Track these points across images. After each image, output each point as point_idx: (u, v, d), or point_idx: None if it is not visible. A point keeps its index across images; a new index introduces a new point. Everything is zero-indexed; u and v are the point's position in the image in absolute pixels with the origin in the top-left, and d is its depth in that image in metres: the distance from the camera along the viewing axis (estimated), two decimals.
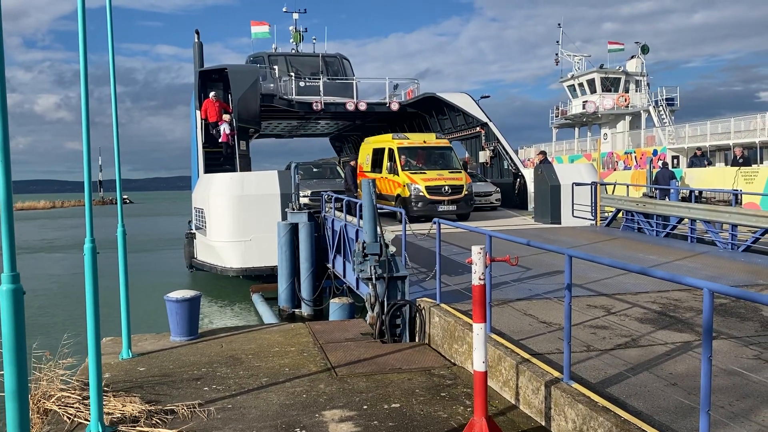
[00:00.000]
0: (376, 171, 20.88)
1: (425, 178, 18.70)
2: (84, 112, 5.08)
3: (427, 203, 18.25)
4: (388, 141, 20.45)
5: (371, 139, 23.02)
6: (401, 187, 18.79)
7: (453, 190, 18.61)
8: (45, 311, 18.03)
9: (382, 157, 20.39)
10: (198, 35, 23.68)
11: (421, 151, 20.20)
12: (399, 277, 8.63)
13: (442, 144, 20.90)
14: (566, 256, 5.40)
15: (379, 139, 22.13)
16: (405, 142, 19.97)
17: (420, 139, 20.55)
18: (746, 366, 5.51)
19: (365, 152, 22.33)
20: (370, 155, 21.77)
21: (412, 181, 18.52)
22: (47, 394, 6.07)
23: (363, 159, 22.40)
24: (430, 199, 18.24)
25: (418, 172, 18.99)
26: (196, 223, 20.36)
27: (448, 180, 18.82)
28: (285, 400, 6.13)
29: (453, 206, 18.50)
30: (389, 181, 19.63)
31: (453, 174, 19.31)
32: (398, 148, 19.68)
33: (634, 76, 44.21)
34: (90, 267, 5.17)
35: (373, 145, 22.18)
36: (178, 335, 8.60)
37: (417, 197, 18.32)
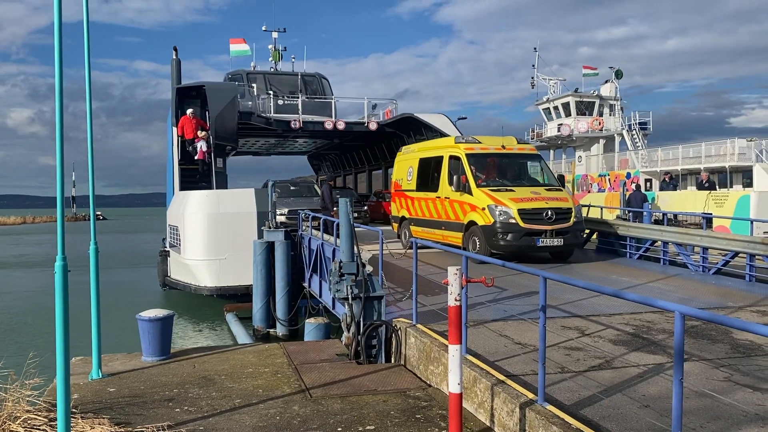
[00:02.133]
0: (428, 189, 15.75)
1: (515, 197, 13.31)
2: (58, 126, 5.02)
3: (520, 234, 12.90)
4: (448, 146, 15.39)
5: (416, 147, 17.88)
6: (477, 211, 13.51)
7: (558, 216, 13.20)
8: (12, 329, 17.60)
9: (437, 170, 15.36)
10: (176, 52, 23.61)
11: (501, 161, 15.04)
12: (375, 297, 8.60)
13: (528, 151, 15.61)
14: (541, 277, 5.44)
15: (431, 145, 16.93)
16: (476, 147, 14.76)
17: (496, 144, 15.10)
18: (717, 388, 5.58)
19: (405, 164, 17.58)
20: (414, 168, 16.71)
21: (496, 202, 13.16)
22: (13, 415, 5.90)
23: (401, 174, 17.66)
24: (526, 229, 12.90)
25: (501, 188, 13.78)
26: (170, 241, 20.13)
27: (549, 201, 13.44)
28: (258, 422, 6.04)
29: (558, 240, 13.14)
30: (454, 202, 14.42)
31: (553, 192, 14.01)
32: (468, 156, 14.42)
33: (608, 100, 45.03)
34: (60, 284, 5.07)
35: (421, 153, 16.82)
36: (150, 355, 8.45)
37: (505, 226, 12.91)
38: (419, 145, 17.85)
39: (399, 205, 17.68)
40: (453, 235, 14.48)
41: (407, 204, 16.97)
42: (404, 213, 17.19)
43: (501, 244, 12.94)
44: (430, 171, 15.77)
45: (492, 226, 13.08)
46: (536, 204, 13.29)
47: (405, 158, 17.89)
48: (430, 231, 15.45)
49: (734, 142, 32.92)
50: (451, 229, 14.58)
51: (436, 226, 15.23)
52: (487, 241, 13.01)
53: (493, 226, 13.07)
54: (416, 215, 16.32)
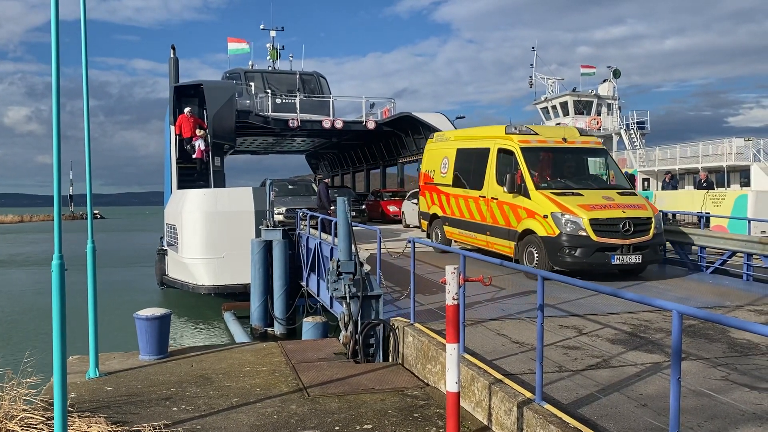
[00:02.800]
0: (468, 186, 13.66)
1: (585, 204, 11.06)
2: (55, 125, 5.01)
3: (592, 250, 10.75)
4: (496, 136, 13.03)
5: (453, 134, 15.66)
6: (536, 219, 11.28)
7: (636, 228, 10.98)
8: (8, 328, 17.57)
9: (481, 165, 13.17)
10: (174, 50, 23.58)
11: (561, 157, 12.73)
12: (373, 296, 8.60)
13: (593, 145, 13.08)
14: (539, 276, 5.44)
15: (473, 134, 14.53)
16: (533, 140, 12.40)
17: (555, 136, 12.76)
18: (714, 387, 5.58)
19: (438, 154, 15.47)
20: (450, 160, 14.60)
21: (563, 210, 10.92)
22: (9, 414, 5.88)
23: (433, 165, 15.55)
24: (599, 244, 10.74)
25: (566, 192, 11.50)
26: (168, 240, 20.11)
27: (626, 209, 11.15)
28: (255, 421, 6.04)
29: (636, 257, 10.97)
30: (504, 205, 12.15)
31: (627, 197, 11.72)
32: (523, 151, 12.10)
33: (606, 99, 45.08)
34: (57, 283, 5.06)
35: (459, 142, 14.59)
36: (147, 354, 8.43)
37: (573, 239, 10.76)
38: (457, 133, 15.66)
39: (430, 201, 15.70)
40: (501, 243, 12.42)
41: (441, 201, 15.03)
42: (436, 210, 15.34)
43: (567, 261, 10.79)
44: (472, 165, 13.63)
45: (556, 239, 10.82)
46: (611, 213, 10.99)
47: (438, 147, 15.61)
48: (469, 235, 13.74)
49: (732, 142, 33.00)
50: (498, 236, 12.43)
51: (478, 230, 13.26)
52: (550, 256, 10.89)
53: (557, 238, 10.81)
54: (452, 214, 14.48)
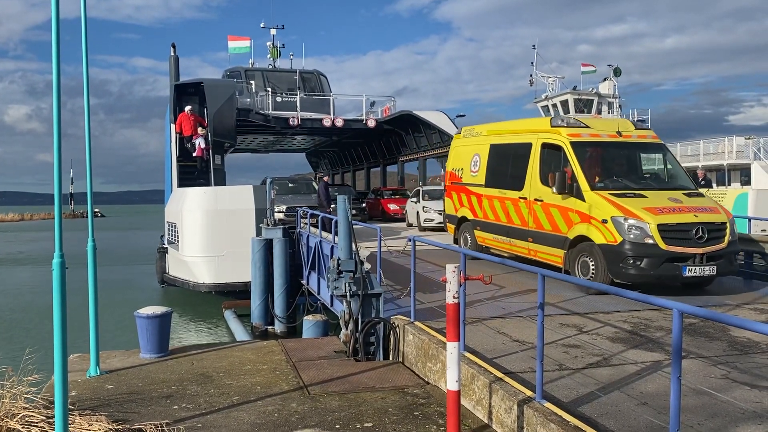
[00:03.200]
0: (505, 186, 12.27)
1: (651, 206, 9.71)
2: (56, 123, 5.01)
3: (660, 260, 9.38)
4: (540, 130, 11.57)
5: (485, 129, 13.88)
6: (592, 224, 9.92)
7: (710, 235, 9.65)
8: (9, 326, 17.59)
9: (521, 162, 11.79)
10: (174, 48, 23.58)
11: (615, 152, 11.40)
12: (374, 294, 8.60)
13: (650, 139, 11.63)
14: (539, 275, 5.44)
15: (510, 128, 12.96)
16: (584, 134, 10.98)
17: (609, 129, 11.35)
18: (715, 386, 5.58)
19: (467, 150, 14.07)
20: (482, 157, 13.22)
21: (625, 213, 9.59)
22: (10, 412, 5.89)
23: (461, 163, 14.17)
24: (669, 253, 9.37)
25: (627, 192, 10.17)
26: (168, 238, 20.12)
27: (699, 213, 9.80)
28: (256, 419, 6.04)
29: (710, 268, 9.57)
30: (550, 208, 10.83)
31: (696, 199, 10.40)
32: (574, 146, 10.73)
33: (607, 97, 45.01)
34: (58, 282, 5.06)
35: (493, 137, 13.20)
36: (148, 352, 8.44)
37: (639, 247, 9.41)
38: (489, 127, 13.81)
39: (457, 203, 14.32)
40: (546, 252, 10.99)
41: (471, 202, 13.62)
42: (466, 213, 13.93)
43: (631, 273, 9.42)
44: (509, 162, 12.27)
45: (618, 248, 9.46)
46: (681, 217, 9.62)
47: (467, 143, 14.18)
48: (506, 241, 12.24)
49: (732, 140, 33.01)
50: (543, 243, 11.01)
51: (518, 236, 11.75)
52: (610, 267, 9.55)
53: (620, 247, 9.45)
54: (485, 218, 12.98)
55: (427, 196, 23.65)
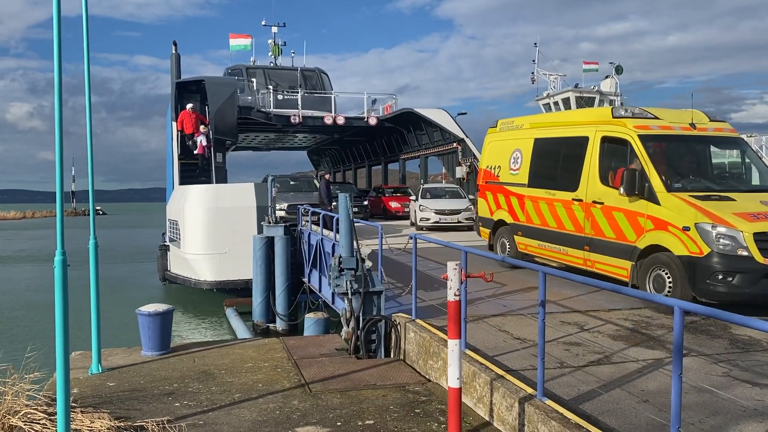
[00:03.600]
0: (553, 186, 10.86)
1: (742, 212, 8.34)
2: (57, 121, 5.01)
3: (757, 276, 7.95)
4: (599, 121, 10.14)
5: (527, 121, 12.42)
6: (669, 232, 8.58)
7: None
8: (11, 324, 17.62)
9: (574, 158, 10.42)
10: (176, 46, 23.59)
11: (689, 148, 10.04)
12: (375, 292, 8.61)
13: (728, 133, 10.27)
14: (540, 272, 5.44)
15: (559, 120, 11.69)
16: (654, 126, 9.67)
17: (681, 120, 9.92)
18: (716, 383, 5.59)
19: (504, 146, 12.66)
20: (525, 153, 11.83)
21: (713, 219, 8.21)
22: (12, 410, 5.90)
23: (498, 159, 12.78)
24: (765, 267, 7.93)
25: (711, 195, 8.82)
26: (170, 236, 20.14)
27: None
28: (258, 417, 6.06)
29: None
30: (614, 212, 9.39)
31: None
32: (643, 139, 9.40)
33: (609, 95, 44.93)
34: (60, 279, 5.07)
35: (538, 131, 11.73)
36: (150, 350, 8.46)
37: (730, 260, 8.02)
38: (533, 119, 12.35)
39: (493, 204, 12.88)
40: (609, 263, 9.54)
41: (510, 204, 12.15)
42: (503, 216, 12.44)
43: (720, 291, 8.03)
44: (559, 159, 10.95)
45: (705, 261, 8.07)
46: None
47: (504, 137, 12.73)
48: (556, 249, 10.80)
49: None
50: (605, 253, 9.56)
51: (571, 244, 10.29)
52: (693, 284, 8.21)
53: (706, 260, 8.06)
54: (528, 222, 11.56)
55: (429, 194, 23.00)
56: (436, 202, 21.99)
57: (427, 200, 22.21)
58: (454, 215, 21.15)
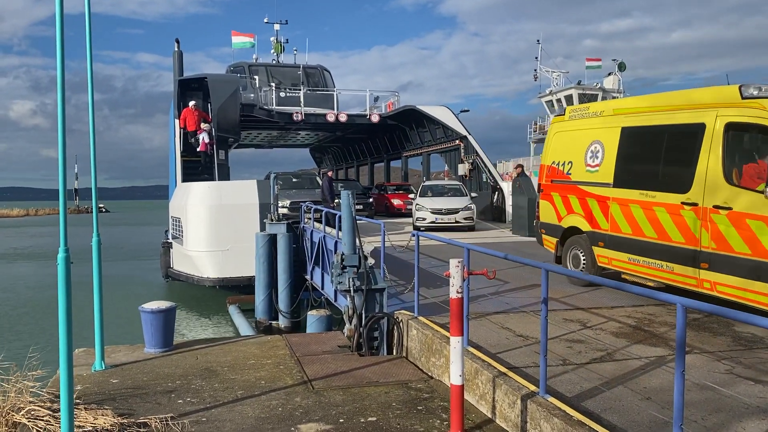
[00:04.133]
0: (652, 186, 8.79)
1: None
2: (60, 118, 5.01)
3: None
4: (723, 103, 8.03)
5: (611, 106, 10.13)
6: None
7: None
8: (14, 321, 17.67)
9: (681, 151, 8.55)
10: (178, 44, 23.58)
11: None
12: (377, 289, 8.62)
13: None
14: (543, 270, 5.44)
15: (663, 103, 9.07)
16: None
17: None
18: (719, 381, 5.58)
19: (577, 138, 10.47)
20: (610, 144, 9.60)
21: None
22: (16, 406, 5.93)
23: (569, 154, 10.57)
24: None
25: None
26: (172, 233, 20.17)
27: None
28: (260, 414, 6.07)
29: None
30: (752, 220, 7.37)
31: None
32: None
33: (612, 92, 44.90)
34: (63, 276, 5.08)
35: (629, 118, 9.46)
36: (153, 347, 8.47)
37: None
38: (617, 104, 10.19)
39: (562, 208, 10.66)
40: (740, 285, 7.51)
41: (587, 208, 9.98)
42: (577, 222, 10.20)
43: None
44: (661, 152, 8.92)
45: None
46: None
47: (576, 127, 10.58)
48: (657, 266, 8.72)
49: None
50: (734, 273, 7.59)
51: (681, 260, 8.32)
52: None
53: None
54: (615, 230, 9.40)
55: (430, 192, 21.83)
56: (434, 201, 20.72)
57: (425, 199, 21.01)
58: (452, 215, 19.90)
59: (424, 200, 20.89)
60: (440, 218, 19.80)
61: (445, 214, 19.79)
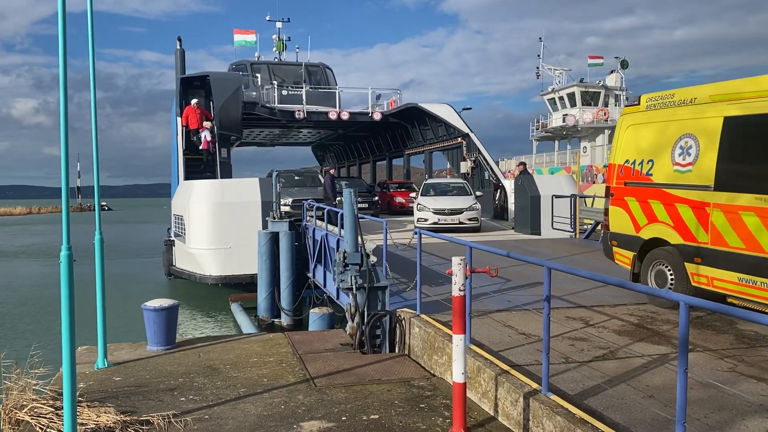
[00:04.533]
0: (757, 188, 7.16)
1: None
2: (63, 117, 5.02)
3: None
4: None
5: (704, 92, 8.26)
6: None
7: None
8: (16, 319, 17.70)
9: None
10: (180, 42, 23.59)
11: None
12: (379, 287, 8.61)
13: None
14: (545, 268, 5.43)
15: None
16: None
17: None
18: (721, 378, 5.57)
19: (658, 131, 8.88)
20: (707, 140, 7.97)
21: None
22: (19, 404, 5.94)
23: (647, 151, 9.00)
24: None
25: None
26: (175, 231, 20.20)
27: None
28: (263, 411, 6.07)
29: None
30: None
31: None
32: None
33: (614, 90, 44.84)
34: (66, 274, 5.09)
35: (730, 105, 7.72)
36: (155, 345, 8.49)
37: None
38: (713, 89, 8.18)
39: (641, 216, 9.06)
40: None
41: (676, 215, 8.37)
42: (663, 233, 8.61)
43: None
44: None
45: None
46: None
47: (658, 119, 8.98)
48: None
49: None
50: None
51: None
52: None
53: None
54: (719, 244, 7.69)
55: (432, 191, 20.76)
56: (437, 200, 19.61)
57: (427, 198, 19.95)
58: (455, 215, 18.82)
59: (426, 199, 19.77)
60: (443, 219, 18.66)
61: (448, 214, 18.73)
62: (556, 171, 42.47)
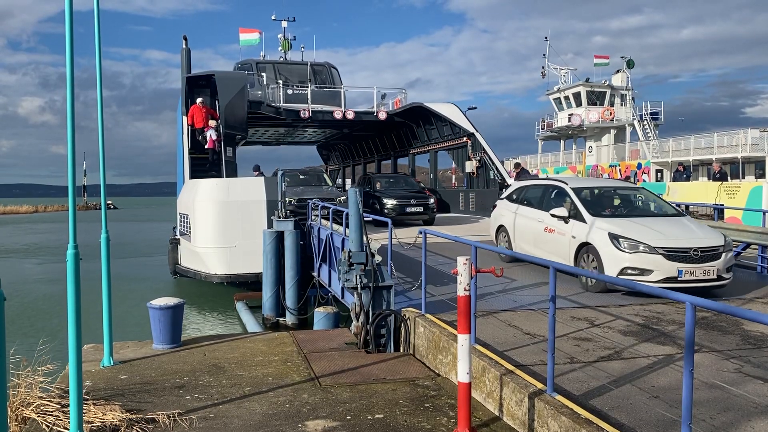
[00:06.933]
0: None
1: None
2: (69, 115, 5.04)
3: None
4: None
5: None
6: None
7: None
8: (23, 317, 17.78)
9: None
10: (186, 41, 23.62)
11: None
12: (384, 286, 8.61)
13: None
14: (551, 267, 5.42)
15: None
16: None
17: None
18: (727, 379, 5.55)
19: None
20: None
21: None
22: (26, 401, 5.97)
23: None
24: None
25: None
26: (180, 229, 20.22)
27: None
28: (268, 410, 6.09)
29: None
30: None
31: None
32: None
33: (620, 90, 44.66)
34: (72, 273, 5.11)
35: None
36: (161, 343, 8.51)
37: None
38: None
39: None
40: None
41: None
42: None
43: None
44: None
45: None
46: None
47: None
48: None
49: (747, 133, 32.58)
50: None
51: None
52: None
53: None
54: None
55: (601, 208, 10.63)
56: (652, 229, 9.58)
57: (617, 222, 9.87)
58: (709, 262, 9.13)
59: (619, 226, 9.51)
60: (687, 269, 9.06)
61: (697, 260, 9.16)
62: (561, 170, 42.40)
